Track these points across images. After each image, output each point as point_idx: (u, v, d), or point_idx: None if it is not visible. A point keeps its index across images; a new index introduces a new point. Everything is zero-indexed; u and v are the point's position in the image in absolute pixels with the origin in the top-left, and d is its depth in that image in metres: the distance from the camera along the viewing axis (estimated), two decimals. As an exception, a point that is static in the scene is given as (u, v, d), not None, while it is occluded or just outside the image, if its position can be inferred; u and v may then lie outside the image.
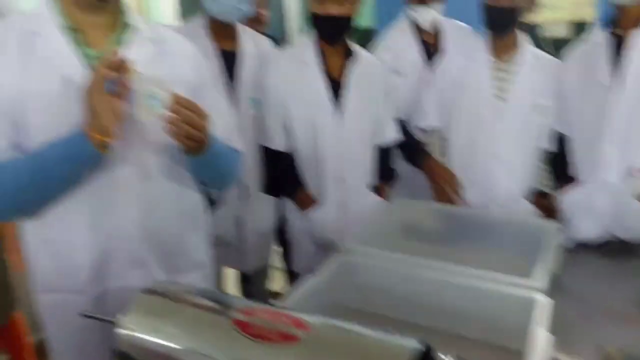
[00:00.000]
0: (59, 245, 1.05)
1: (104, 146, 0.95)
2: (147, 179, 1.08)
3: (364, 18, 4.47)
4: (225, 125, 1.22)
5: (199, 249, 1.25)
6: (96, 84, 0.92)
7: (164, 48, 1.12)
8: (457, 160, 1.84)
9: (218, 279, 1.88)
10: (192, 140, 1.01)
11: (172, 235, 1.15)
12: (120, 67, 0.93)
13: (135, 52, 1.04)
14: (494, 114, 1.74)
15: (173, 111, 0.96)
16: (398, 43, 2.07)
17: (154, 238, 1.11)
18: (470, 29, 2.00)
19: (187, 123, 0.98)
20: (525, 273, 1.09)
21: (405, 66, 2.01)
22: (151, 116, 0.97)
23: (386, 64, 1.93)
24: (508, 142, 1.75)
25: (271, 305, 0.80)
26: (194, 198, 1.22)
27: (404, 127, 1.91)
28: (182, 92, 1.06)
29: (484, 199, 1.76)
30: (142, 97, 0.96)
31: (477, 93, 1.77)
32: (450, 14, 2.10)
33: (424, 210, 1.67)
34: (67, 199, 1.02)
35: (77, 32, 1.03)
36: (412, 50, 2.05)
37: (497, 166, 1.76)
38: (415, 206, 1.69)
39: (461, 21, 2.11)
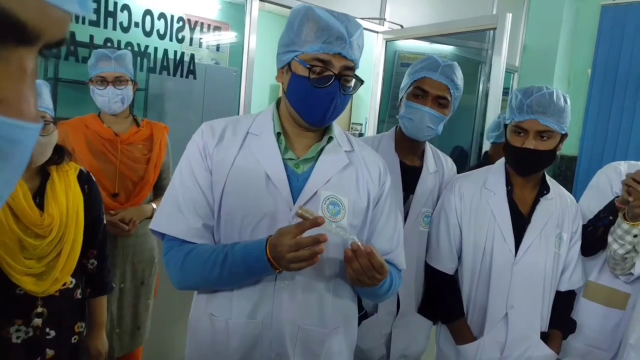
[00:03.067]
0: (221, 323, 1.14)
1: (281, 271, 1.06)
2: (310, 289, 1.15)
3: (567, 146, 4.23)
4: (392, 239, 1.26)
5: (342, 356, 1.24)
6: (291, 237, 1.00)
7: (355, 160, 1.22)
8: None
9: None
10: (363, 284, 1.09)
11: (319, 340, 1.17)
12: (316, 223, 1.00)
13: (330, 161, 1.17)
14: None
15: (360, 263, 1.05)
16: None
17: (302, 338, 1.15)
18: None
19: (366, 274, 1.06)
20: None
21: None
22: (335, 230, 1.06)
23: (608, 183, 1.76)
24: None
25: None
26: (348, 308, 1.24)
27: None
28: (364, 199, 1.18)
29: None
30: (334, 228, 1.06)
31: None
32: None
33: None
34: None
35: (286, 138, 1.18)
36: None
37: None
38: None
39: None
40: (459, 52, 4.27)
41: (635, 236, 1.54)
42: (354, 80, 1.13)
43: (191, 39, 3.12)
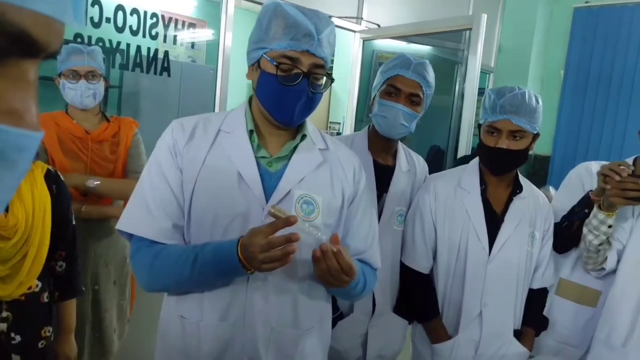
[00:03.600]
0: (191, 326, 1.12)
1: (253, 271, 1.03)
2: (283, 290, 1.13)
3: (541, 146, 4.30)
4: (367, 238, 1.25)
5: (316, 357, 1.23)
6: (263, 237, 0.97)
7: (330, 159, 1.21)
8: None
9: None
10: (331, 285, 1.09)
11: (293, 341, 1.16)
12: (289, 222, 0.97)
13: (304, 160, 1.15)
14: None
15: (328, 264, 1.04)
16: None
17: (275, 340, 1.13)
18: None
19: (333, 276, 1.05)
20: None
21: None
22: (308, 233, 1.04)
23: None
24: None
25: None
26: (322, 308, 1.23)
27: None
28: (339, 198, 1.17)
29: None
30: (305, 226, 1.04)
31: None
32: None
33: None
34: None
35: (259, 136, 1.16)
36: None
37: None
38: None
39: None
40: (436, 52, 4.30)
41: (610, 227, 1.56)
42: (324, 78, 1.11)
43: (165, 36, 3.06)
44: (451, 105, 4.04)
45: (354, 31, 3.55)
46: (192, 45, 3.39)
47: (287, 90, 1.07)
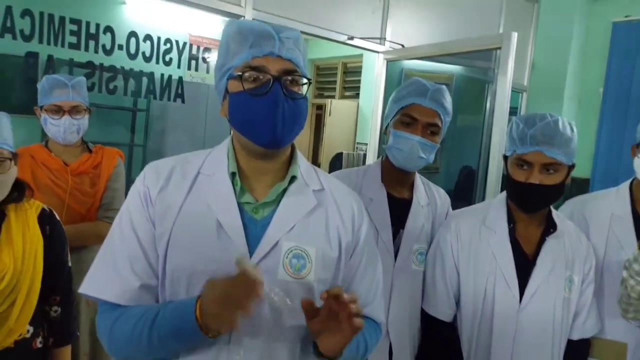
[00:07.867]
0: None
1: (214, 335, 0.89)
2: (271, 357, 0.97)
3: (580, 168, 4.06)
4: (369, 291, 1.09)
5: None
6: (229, 292, 0.83)
7: (325, 201, 1.06)
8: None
9: None
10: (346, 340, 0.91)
11: None
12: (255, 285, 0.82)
13: (294, 204, 1.02)
14: None
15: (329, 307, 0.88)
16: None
17: None
18: None
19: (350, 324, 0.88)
20: None
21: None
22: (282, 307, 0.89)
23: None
24: None
25: None
26: None
27: None
28: (335, 248, 1.03)
29: None
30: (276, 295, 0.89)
31: None
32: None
33: None
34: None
35: (243, 179, 1.02)
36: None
37: None
38: None
39: None
40: (465, 72, 4.14)
41: None
42: (302, 81, 0.99)
43: (196, 63, 3.03)
44: (482, 125, 3.88)
45: (377, 52, 3.43)
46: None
47: (259, 102, 0.94)
